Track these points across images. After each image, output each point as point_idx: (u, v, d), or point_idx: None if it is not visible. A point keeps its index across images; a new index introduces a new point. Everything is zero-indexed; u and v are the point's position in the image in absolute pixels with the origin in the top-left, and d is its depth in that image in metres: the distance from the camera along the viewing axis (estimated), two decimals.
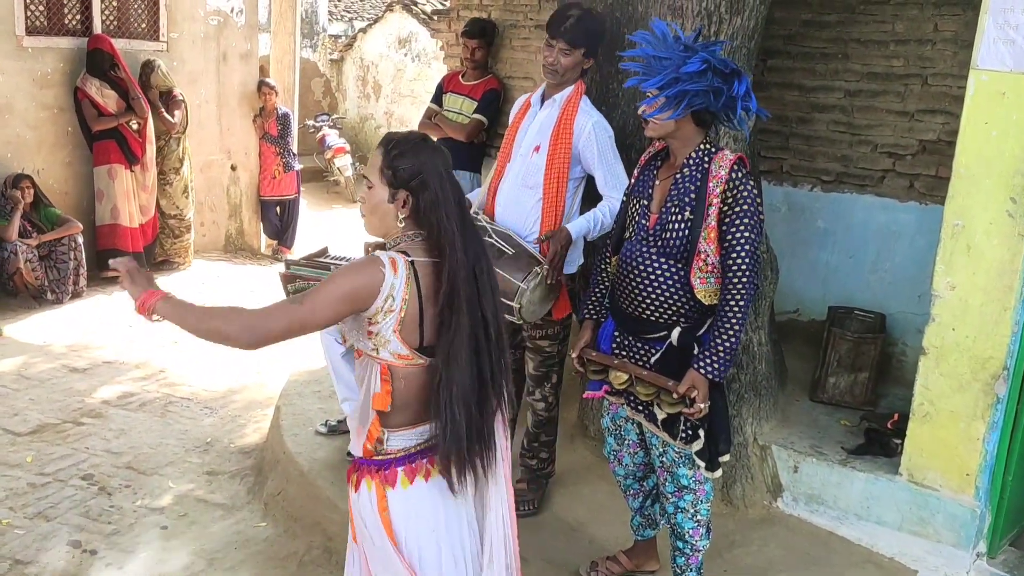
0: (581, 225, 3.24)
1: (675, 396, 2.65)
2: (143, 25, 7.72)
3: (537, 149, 3.33)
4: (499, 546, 2.19)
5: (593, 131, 3.27)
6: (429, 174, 2.05)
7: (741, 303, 2.61)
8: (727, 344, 2.61)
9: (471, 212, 3.43)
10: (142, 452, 4.41)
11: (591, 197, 3.40)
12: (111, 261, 2.16)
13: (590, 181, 3.39)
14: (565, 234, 3.21)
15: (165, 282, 7.38)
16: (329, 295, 1.96)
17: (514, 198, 3.38)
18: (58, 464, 4.21)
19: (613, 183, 3.29)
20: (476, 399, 2.03)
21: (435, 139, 5.81)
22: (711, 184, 2.63)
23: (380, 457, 2.10)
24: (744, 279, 2.60)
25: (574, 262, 3.43)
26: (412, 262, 2.01)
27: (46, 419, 4.68)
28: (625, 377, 2.80)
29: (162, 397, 5.11)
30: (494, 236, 3.24)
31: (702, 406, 2.62)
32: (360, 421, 2.14)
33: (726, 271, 2.63)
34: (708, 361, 2.62)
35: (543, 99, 3.41)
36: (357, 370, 2.18)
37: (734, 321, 2.61)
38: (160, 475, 4.21)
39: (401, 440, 2.10)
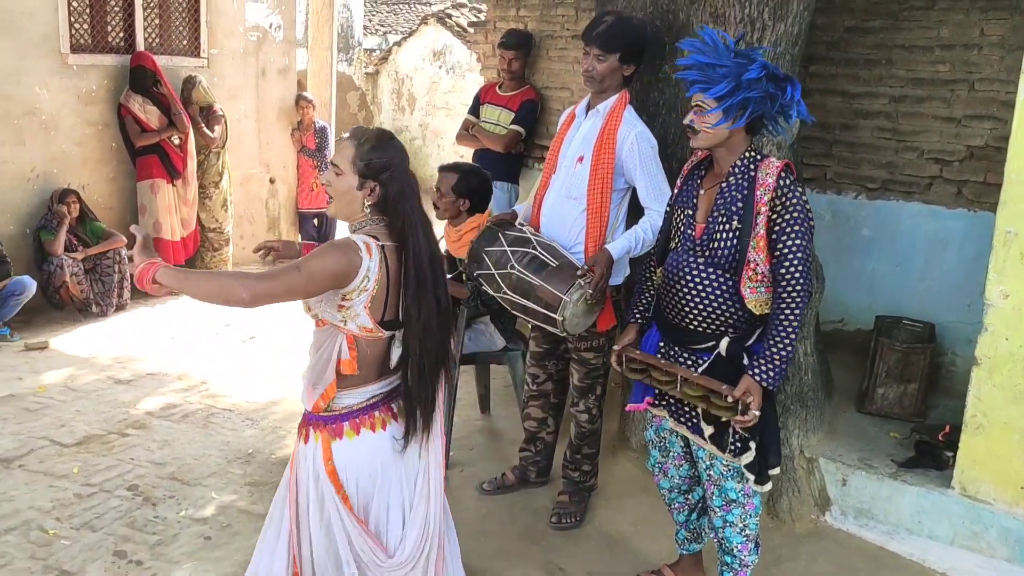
0: (622, 245, 3.22)
1: (729, 400, 2.60)
2: (184, 42, 7.84)
3: (581, 160, 3.31)
4: (424, 491, 2.44)
5: (636, 142, 3.24)
6: (397, 169, 2.32)
7: (796, 311, 2.56)
8: (782, 353, 2.56)
9: (517, 223, 3.42)
10: (185, 463, 4.45)
11: (637, 208, 3.37)
12: (132, 227, 2.36)
13: (636, 192, 3.36)
14: (606, 256, 3.18)
15: None
16: (323, 270, 2.18)
17: (558, 209, 3.37)
18: (104, 475, 4.26)
19: (655, 195, 3.26)
20: (426, 365, 2.34)
21: (473, 150, 5.85)
22: (758, 192, 2.60)
23: (327, 413, 2.36)
24: (798, 287, 2.55)
25: (620, 273, 3.40)
26: (383, 246, 2.26)
27: (92, 430, 4.74)
28: (669, 378, 2.75)
29: (204, 408, 5.15)
30: (538, 248, 3.22)
31: (756, 413, 2.57)
32: (313, 381, 2.37)
33: (779, 280, 2.58)
34: (764, 369, 2.57)
35: (587, 110, 3.39)
36: (316, 336, 2.40)
37: (789, 330, 2.56)
38: (203, 486, 4.24)
39: (349, 398, 2.36)
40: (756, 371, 2.58)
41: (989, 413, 3.20)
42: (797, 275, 2.55)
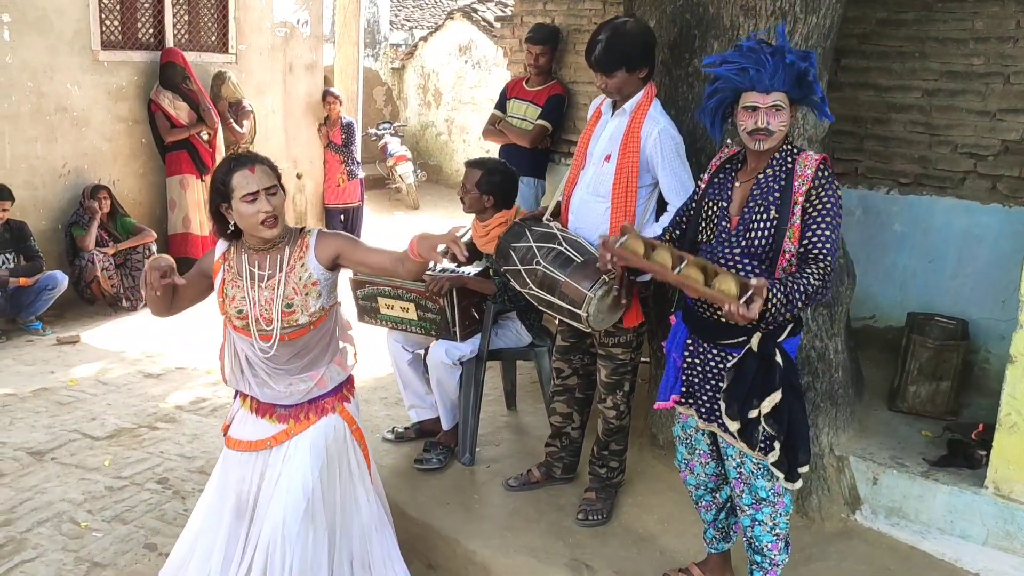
0: None
1: (736, 290, 2.42)
2: (213, 38, 7.90)
3: (608, 158, 3.30)
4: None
5: (659, 138, 3.23)
6: None
7: (816, 283, 2.49)
8: (795, 294, 2.46)
9: (545, 219, 3.41)
10: (214, 457, 4.45)
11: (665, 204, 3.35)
12: (150, 262, 2.68)
13: None
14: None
15: None
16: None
17: (584, 207, 3.36)
18: (134, 468, 4.31)
19: (677, 191, 3.24)
20: None
21: (500, 145, 5.85)
22: (796, 183, 2.59)
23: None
24: (826, 264, 2.52)
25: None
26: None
27: (123, 424, 4.80)
28: (671, 260, 2.59)
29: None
30: (563, 244, 3.21)
31: (751, 313, 2.37)
32: (308, 369, 2.81)
33: (807, 257, 2.54)
34: (776, 286, 2.46)
35: (613, 106, 3.38)
36: (302, 343, 2.76)
37: (806, 286, 2.47)
38: None
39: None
40: (771, 288, 2.44)
41: None
42: (827, 254, 2.53)
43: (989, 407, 3.50)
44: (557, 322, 3.52)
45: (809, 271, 2.52)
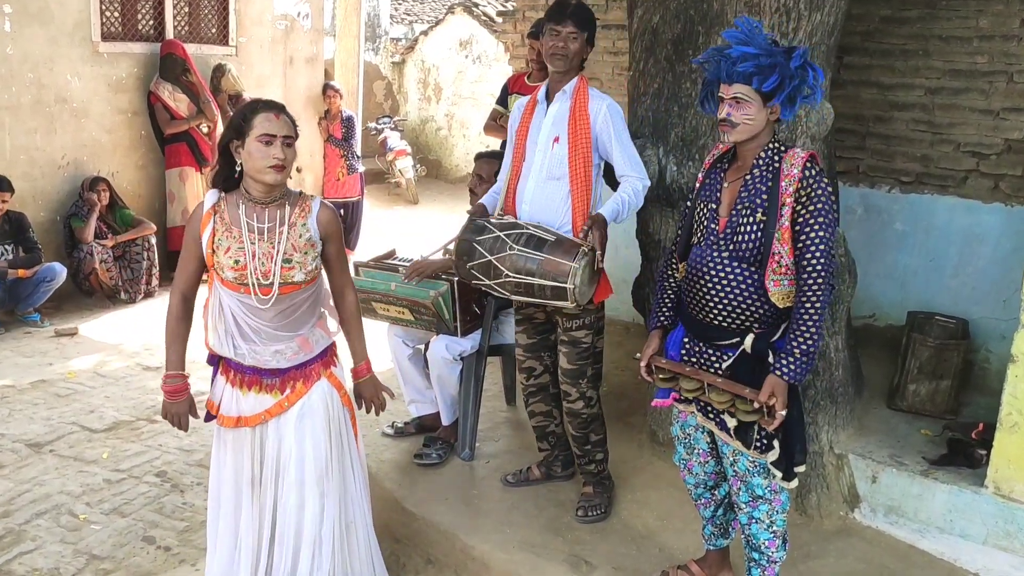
0: (611, 208, 3.20)
1: (754, 405, 2.58)
2: (213, 30, 7.88)
3: (557, 140, 3.30)
4: None
5: (608, 113, 3.27)
6: None
7: (818, 305, 2.52)
8: (805, 347, 2.53)
9: (494, 215, 3.39)
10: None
11: (611, 185, 3.37)
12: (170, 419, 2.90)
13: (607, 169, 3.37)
14: (601, 218, 3.16)
15: None
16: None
17: (541, 193, 3.32)
18: (133, 461, 4.30)
19: (631, 164, 3.28)
20: None
21: (500, 141, 5.81)
22: (783, 183, 2.56)
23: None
24: (820, 279, 2.52)
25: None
26: None
27: (121, 416, 4.79)
28: (696, 385, 2.73)
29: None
30: (530, 227, 3.19)
31: (782, 413, 2.54)
32: (297, 330, 2.81)
33: (801, 272, 2.55)
34: (787, 363, 2.54)
35: (547, 95, 3.38)
36: (291, 300, 2.73)
37: (811, 323, 2.53)
38: None
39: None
40: (780, 367, 2.55)
41: None
42: (820, 267, 2.52)
43: (989, 406, 3.50)
44: (516, 324, 3.53)
45: (805, 298, 2.53)
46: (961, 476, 3.39)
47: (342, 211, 8.90)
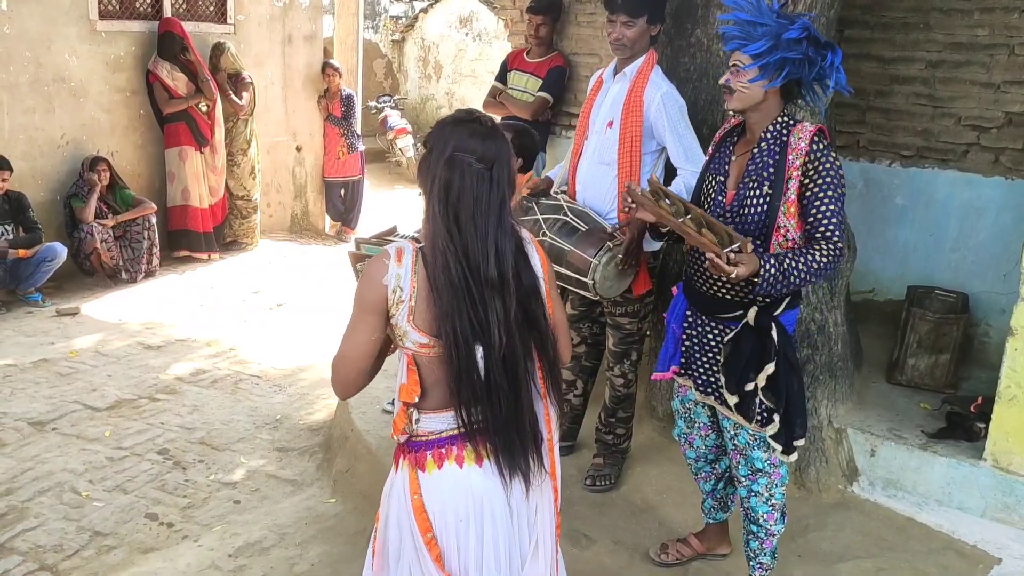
0: None
1: (726, 250, 2.44)
2: (211, 8, 7.82)
3: (610, 124, 3.28)
4: (543, 547, 2.11)
5: (663, 103, 3.20)
6: (439, 157, 1.92)
7: (823, 261, 2.49)
8: (792, 270, 2.46)
9: (553, 191, 3.40)
10: (215, 428, 4.50)
11: (674, 171, 3.32)
12: None
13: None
14: (638, 223, 3.13)
15: (233, 262, 7.52)
16: (357, 316, 1.96)
17: (592, 176, 3.35)
18: (135, 439, 4.32)
19: (686, 155, 3.22)
20: (492, 389, 1.93)
21: (500, 118, 5.79)
22: (791, 157, 2.55)
23: (415, 439, 2.04)
24: (836, 247, 2.50)
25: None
26: (421, 248, 1.94)
27: (123, 395, 4.81)
28: (679, 207, 2.61)
29: (233, 374, 5.21)
30: (569, 214, 3.21)
31: (732, 275, 2.43)
32: (396, 404, 2.08)
33: (817, 239, 2.52)
34: (771, 262, 2.46)
35: (615, 73, 3.35)
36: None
37: (807, 266, 2.47)
38: (232, 451, 4.29)
39: (432, 423, 2.01)
40: (764, 256, 2.48)
41: None
42: (835, 237, 2.51)
43: (988, 380, 3.51)
44: (569, 291, 3.54)
45: (817, 248, 2.51)
46: (960, 449, 3.40)
47: (342, 190, 8.89)
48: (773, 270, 2.47)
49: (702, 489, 3.13)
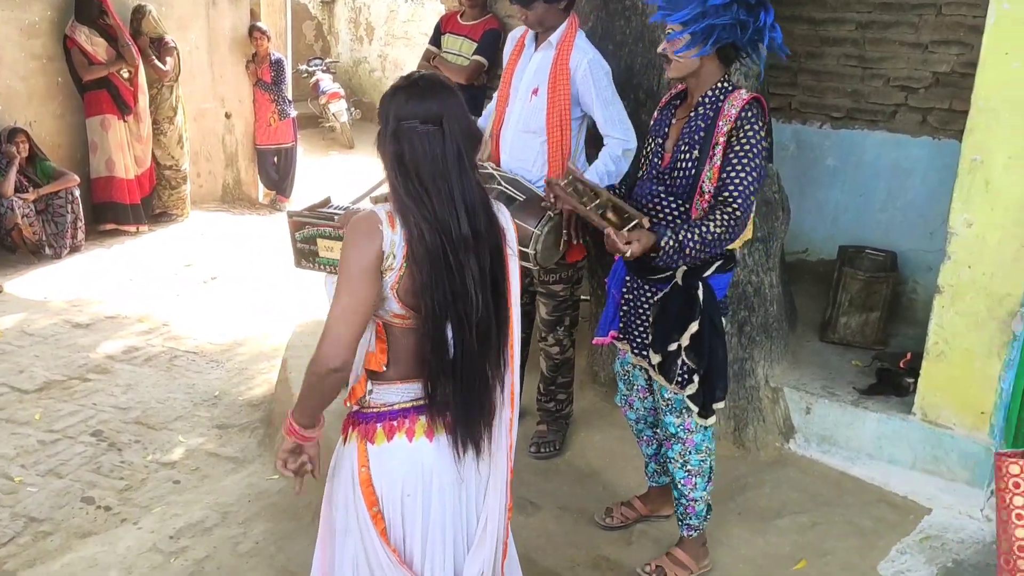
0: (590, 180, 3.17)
1: (624, 230, 2.51)
2: None
3: (536, 92, 3.25)
4: (492, 526, 2.10)
5: (589, 69, 3.19)
6: (402, 123, 1.89)
7: (717, 231, 2.48)
8: (688, 243, 2.48)
9: (478, 160, 3.35)
10: (150, 407, 4.40)
11: (596, 137, 3.31)
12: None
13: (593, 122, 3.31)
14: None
15: (163, 235, 7.32)
16: (358, 275, 1.87)
17: (518, 143, 3.31)
18: (67, 421, 4.20)
19: (613, 122, 3.22)
20: (465, 361, 1.93)
21: None
22: (720, 123, 2.56)
23: (365, 410, 2.01)
24: (733, 210, 2.49)
25: None
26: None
27: (52, 376, 4.66)
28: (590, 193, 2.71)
29: (167, 351, 5.08)
30: (502, 183, 3.18)
31: (627, 252, 2.47)
32: (355, 372, 2.02)
33: (716, 206, 2.52)
34: (668, 237, 2.49)
35: (536, 39, 3.31)
36: None
37: (701, 237, 2.48)
38: (169, 430, 4.21)
39: (387, 395, 1.99)
40: (661, 231, 2.51)
41: (951, 340, 3.25)
42: (735, 204, 2.49)
43: (916, 337, 3.61)
44: None
45: (712, 218, 2.51)
46: (890, 404, 3.50)
47: (275, 158, 8.69)
48: (672, 243, 2.49)
49: (644, 453, 3.17)
